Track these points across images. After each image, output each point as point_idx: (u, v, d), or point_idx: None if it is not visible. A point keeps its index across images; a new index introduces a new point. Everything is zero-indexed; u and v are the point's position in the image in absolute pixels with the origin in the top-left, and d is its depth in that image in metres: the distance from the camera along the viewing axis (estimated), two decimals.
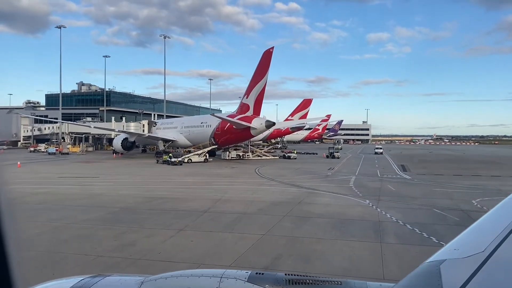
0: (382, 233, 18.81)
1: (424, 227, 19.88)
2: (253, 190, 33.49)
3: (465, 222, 21.29)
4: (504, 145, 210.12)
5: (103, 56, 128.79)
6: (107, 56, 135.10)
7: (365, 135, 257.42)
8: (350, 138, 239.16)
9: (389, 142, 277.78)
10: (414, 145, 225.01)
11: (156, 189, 33.91)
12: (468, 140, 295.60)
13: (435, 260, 2.94)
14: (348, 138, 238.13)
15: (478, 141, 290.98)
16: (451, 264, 2.81)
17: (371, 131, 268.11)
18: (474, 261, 2.69)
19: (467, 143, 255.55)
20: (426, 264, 3.00)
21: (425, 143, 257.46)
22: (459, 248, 2.98)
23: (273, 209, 24.63)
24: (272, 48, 59.80)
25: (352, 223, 21.02)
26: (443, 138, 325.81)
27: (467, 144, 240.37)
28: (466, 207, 25.86)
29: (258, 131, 61.48)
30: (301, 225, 20.37)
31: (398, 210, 24.69)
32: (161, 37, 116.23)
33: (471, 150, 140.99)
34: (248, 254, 15.09)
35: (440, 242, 16.95)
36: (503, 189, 35.23)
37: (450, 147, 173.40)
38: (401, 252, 15.77)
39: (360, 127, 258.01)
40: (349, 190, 33.60)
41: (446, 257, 2.91)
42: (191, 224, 20.30)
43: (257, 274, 3.95)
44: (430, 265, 2.91)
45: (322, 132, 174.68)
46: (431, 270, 2.84)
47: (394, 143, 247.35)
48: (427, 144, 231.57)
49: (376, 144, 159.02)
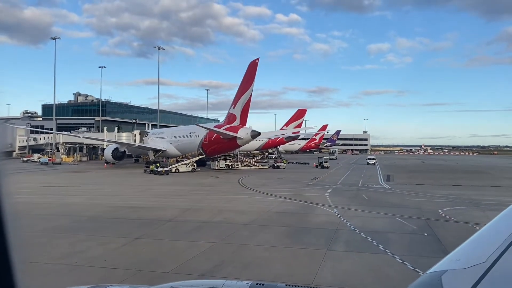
0: (333, 241, 19.21)
1: (377, 235, 20.28)
2: (228, 199, 33.91)
3: (422, 230, 21.73)
4: (503, 156, 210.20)
5: (99, 67, 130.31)
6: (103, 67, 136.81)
7: (364, 145, 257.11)
8: (348, 148, 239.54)
9: (388, 152, 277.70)
10: (413, 155, 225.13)
11: (132, 198, 34.37)
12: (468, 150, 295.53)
13: (436, 271, 2.89)
14: (347, 148, 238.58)
15: (478, 151, 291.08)
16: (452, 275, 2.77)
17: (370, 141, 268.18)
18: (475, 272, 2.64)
19: (466, 153, 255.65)
20: (427, 274, 2.98)
21: (423, 153, 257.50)
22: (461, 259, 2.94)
23: (238, 218, 25.03)
24: (257, 59, 60.64)
25: (309, 232, 21.41)
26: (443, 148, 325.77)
27: (466, 154, 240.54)
28: (430, 217, 26.24)
29: (244, 141, 62.06)
30: (258, 234, 20.78)
31: (360, 219, 25.10)
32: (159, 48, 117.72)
33: (467, 160, 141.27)
34: (191, 261, 15.51)
35: (386, 250, 17.38)
36: (476, 198, 35.68)
37: (447, 157, 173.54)
38: (341, 259, 16.17)
39: (358, 137, 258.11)
40: (322, 199, 33.99)
41: (448, 268, 2.87)
42: (150, 233, 20.73)
43: (258, 285, 3.94)
44: (432, 276, 2.87)
45: (319, 142, 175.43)
46: (432, 281, 2.80)
47: (393, 153, 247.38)
48: (426, 154, 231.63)
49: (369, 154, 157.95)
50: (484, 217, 26.34)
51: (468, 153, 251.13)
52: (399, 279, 13.91)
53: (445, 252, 16.86)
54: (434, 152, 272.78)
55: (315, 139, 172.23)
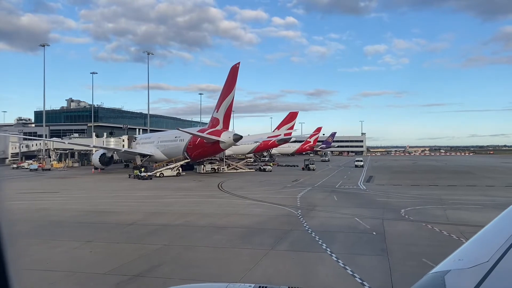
0: (281, 241, 19.74)
1: (326, 235, 20.83)
2: (199, 203, 34.43)
3: (373, 230, 22.26)
4: (499, 155, 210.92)
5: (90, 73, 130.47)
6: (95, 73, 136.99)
7: (359, 146, 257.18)
8: (344, 150, 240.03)
9: (385, 153, 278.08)
10: (409, 156, 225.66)
11: (105, 203, 34.86)
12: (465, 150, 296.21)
13: (439, 271, 2.91)
14: (342, 150, 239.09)
15: (475, 151, 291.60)
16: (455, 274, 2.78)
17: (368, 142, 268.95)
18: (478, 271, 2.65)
19: (463, 153, 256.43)
20: (430, 274, 2.98)
21: (420, 154, 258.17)
22: (464, 259, 2.97)
23: (199, 221, 25.56)
24: (239, 64, 61.25)
25: (263, 232, 21.92)
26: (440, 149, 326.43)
27: (462, 154, 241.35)
28: (389, 216, 26.79)
29: (227, 144, 62.61)
30: (211, 235, 21.30)
31: (319, 220, 25.65)
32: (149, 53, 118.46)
33: (459, 160, 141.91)
34: (131, 263, 16.01)
35: (327, 248, 17.90)
36: (445, 198, 36.26)
37: (441, 158, 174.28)
38: (279, 258, 16.70)
39: (354, 138, 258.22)
40: (292, 201, 34.50)
41: (451, 268, 2.88)
42: (105, 236, 21.23)
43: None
44: (435, 276, 2.88)
45: (313, 145, 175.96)
46: (435, 281, 2.80)
47: (389, 155, 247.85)
48: (422, 155, 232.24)
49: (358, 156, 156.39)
50: (442, 216, 26.91)
51: (465, 153, 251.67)
52: (324, 275, 14.45)
53: (383, 250, 17.46)
54: (430, 153, 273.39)
55: (309, 142, 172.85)
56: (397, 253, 17.42)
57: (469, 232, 21.56)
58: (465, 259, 2.95)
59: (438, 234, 21.19)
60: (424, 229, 22.57)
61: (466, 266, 2.81)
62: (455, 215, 26.98)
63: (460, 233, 20.95)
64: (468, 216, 26.70)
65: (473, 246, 3.24)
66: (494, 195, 38.37)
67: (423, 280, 2.98)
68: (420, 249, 18.05)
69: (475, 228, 19.06)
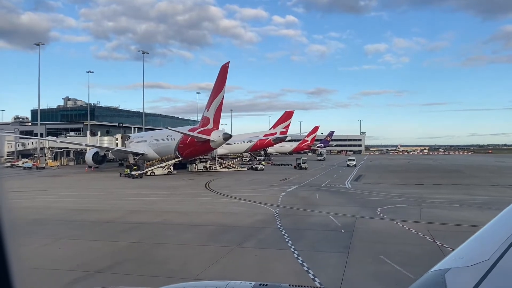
0: (250, 239, 20.15)
1: (295, 233, 21.25)
2: (182, 201, 34.86)
3: (344, 228, 22.64)
4: (497, 154, 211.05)
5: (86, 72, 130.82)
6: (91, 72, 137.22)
7: (358, 145, 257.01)
8: (342, 149, 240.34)
9: (384, 152, 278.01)
10: (408, 155, 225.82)
11: (89, 201, 35.23)
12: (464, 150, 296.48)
13: (440, 269, 2.90)
14: (341, 149, 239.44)
15: (474, 150, 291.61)
16: (456, 272, 2.78)
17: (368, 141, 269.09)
18: (479, 269, 2.65)
19: (461, 152, 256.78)
20: (431, 273, 2.98)
21: (418, 153, 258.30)
22: (464, 257, 2.96)
23: (176, 219, 25.95)
24: (228, 63, 61.67)
25: (234, 230, 22.32)
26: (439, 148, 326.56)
27: (461, 153, 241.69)
28: (364, 214, 27.20)
29: (217, 143, 63.04)
30: (183, 233, 21.71)
31: (294, 218, 26.08)
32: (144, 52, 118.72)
33: (455, 159, 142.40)
34: (94, 260, 16.39)
35: (292, 246, 18.29)
36: (426, 196, 36.69)
37: (439, 157, 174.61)
38: (241, 255, 17.11)
39: (352, 137, 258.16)
40: (274, 199, 34.84)
41: (451, 266, 2.87)
42: (79, 234, 21.67)
43: (261, 285, 3.97)
44: (435, 274, 2.88)
45: (311, 143, 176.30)
46: (436, 279, 2.81)
47: (388, 154, 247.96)
48: (420, 154, 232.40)
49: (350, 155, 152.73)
50: (416, 214, 27.31)
51: (463, 153, 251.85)
52: (280, 271, 14.87)
53: (346, 247, 17.85)
54: (429, 152, 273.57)
55: (306, 141, 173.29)
56: (358, 250, 17.82)
57: (437, 230, 22.06)
58: (466, 257, 2.93)
59: (405, 232, 21.60)
60: (394, 227, 22.97)
61: (467, 264, 2.80)
62: (428, 214, 27.37)
63: (427, 231, 21.34)
64: (441, 214, 27.10)
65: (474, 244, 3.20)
66: (475, 194, 38.76)
67: (423, 278, 2.99)
68: (383, 246, 18.46)
69: (445, 226, 19.60)
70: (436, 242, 18.96)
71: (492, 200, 33.92)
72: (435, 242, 18.89)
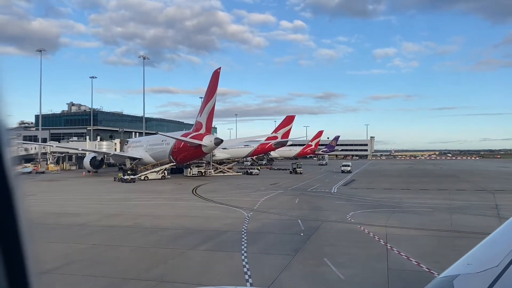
0: (209, 241, 20.69)
1: (256, 236, 21.79)
2: (162, 205, 35.54)
3: (305, 231, 23.05)
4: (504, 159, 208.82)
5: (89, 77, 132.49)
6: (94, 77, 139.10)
7: (364, 150, 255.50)
8: (348, 154, 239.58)
9: (391, 157, 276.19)
10: (414, 160, 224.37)
11: (72, 205, 36.01)
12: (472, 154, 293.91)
13: (448, 275, 2.85)
14: (347, 154, 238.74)
15: (483, 155, 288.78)
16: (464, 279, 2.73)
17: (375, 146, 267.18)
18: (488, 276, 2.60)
19: (469, 157, 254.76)
20: (438, 279, 2.93)
21: (425, 158, 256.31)
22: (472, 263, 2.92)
23: (147, 223, 26.56)
24: (219, 69, 62.51)
25: (197, 233, 22.84)
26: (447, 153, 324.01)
27: (468, 158, 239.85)
28: (333, 218, 27.62)
29: (209, 148, 63.74)
30: (147, 236, 22.36)
31: (262, 222, 26.57)
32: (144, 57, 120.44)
33: (458, 164, 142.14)
34: (46, 261, 16.99)
35: (244, 248, 18.77)
36: (404, 201, 37.03)
37: (444, 162, 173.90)
38: (191, 257, 17.66)
39: (358, 142, 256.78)
40: (253, 203, 35.26)
41: (460, 272, 2.83)
42: (46, 236, 22.23)
43: None
44: (443, 281, 2.84)
45: (315, 148, 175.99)
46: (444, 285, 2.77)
47: (394, 159, 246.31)
48: (427, 159, 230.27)
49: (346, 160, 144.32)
50: (383, 219, 27.56)
51: (471, 157, 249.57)
52: (219, 272, 15.40)
53: (296, 250, 18.30)
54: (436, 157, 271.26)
55: (311, 145, 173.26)
56: (306, 252, 18.27)
57: (395, 233, 22.45)
58: (474, 264, 2.89)
59: (362, 236, 21.99)
60: (355, 231, 23.35)
61: (475, 271, 2.76)
62: (396, 218, 27.67)
63: (385, 235, 21.71)
64: (408, 219, 27.35)
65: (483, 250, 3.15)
66: (456, 199, 38.90)
67: (432, 284, 2.95)
68: (332, 249, 18.91)
69: (405, 231, 20.02)
70: (387, 245, 19.35)
71: (468, 205, 34.05)
72: (386, 246, 19.28)
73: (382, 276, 14.73)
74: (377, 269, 15.57)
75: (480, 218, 27.11)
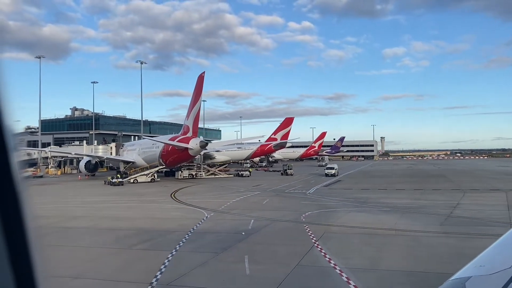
0: (150, 241, 21.75)
1: (197, 236, 22.73)
2: (133, 207, 36.74)
3: (250, 231, 23.88)
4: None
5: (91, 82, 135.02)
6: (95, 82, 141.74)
7: (370, 151, 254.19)
8: (354, 155, 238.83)
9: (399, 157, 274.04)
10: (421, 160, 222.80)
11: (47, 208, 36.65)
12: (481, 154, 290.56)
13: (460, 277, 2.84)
14: (353, 155, 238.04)
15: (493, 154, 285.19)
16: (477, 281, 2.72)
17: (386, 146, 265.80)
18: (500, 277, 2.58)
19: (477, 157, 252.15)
20: (450, 281, 2.90)
21: (433, 158, 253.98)
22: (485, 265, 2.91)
23: (106, 224, 27.67)
24: (203, 73, 63.80)
25: (144, 234, 23.72)
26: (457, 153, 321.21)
27: (476, 158, 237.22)
28: (286, 218, 28.50)
29: (195, 151, 64.85)
30: (96, 237, 23.49)
31: (216, 222, 27.52)
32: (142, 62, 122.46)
33: (459, 164, 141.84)
34: None
35: (182, 247, 19.68)
36: (372, 201, 37.66)
37: (450, 162, 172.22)
38: (129, 256, 18.70)
39: (364, 143, 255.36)
40: (220, 204, 36.09)
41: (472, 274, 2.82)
42: None
43: None
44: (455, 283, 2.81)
45: (318, 149, 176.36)
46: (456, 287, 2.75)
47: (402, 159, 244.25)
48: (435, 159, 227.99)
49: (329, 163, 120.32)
50: (336, 218, 28.31)
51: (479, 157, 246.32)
52: (136, 269, 16.38)
53: (225, 249, 19.19)
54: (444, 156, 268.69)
55: (314, 147, 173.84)
56: (234, 251, 19.14)
57: (331, 232, 23.25)
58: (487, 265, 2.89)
59: (300, 234, 22.74)
60: (296, 230, 24.16)
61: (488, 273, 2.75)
62: (347, 218, 28.35)
63: (322, 233, 22.50)
64: (356, 218, 27.86)
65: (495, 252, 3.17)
66: (423, 198, 39.37)
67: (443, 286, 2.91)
68: (260, 247, 19.85)
69: (347, 229, 21.04)
70: (316, 243, 20.11)
71: (430, 204, 34.54)
72: (315, 244, 20.04)
73: (286, 271, 15.49)
74: (286, 265, 16.32)
75: (429, 218, 27.74)
